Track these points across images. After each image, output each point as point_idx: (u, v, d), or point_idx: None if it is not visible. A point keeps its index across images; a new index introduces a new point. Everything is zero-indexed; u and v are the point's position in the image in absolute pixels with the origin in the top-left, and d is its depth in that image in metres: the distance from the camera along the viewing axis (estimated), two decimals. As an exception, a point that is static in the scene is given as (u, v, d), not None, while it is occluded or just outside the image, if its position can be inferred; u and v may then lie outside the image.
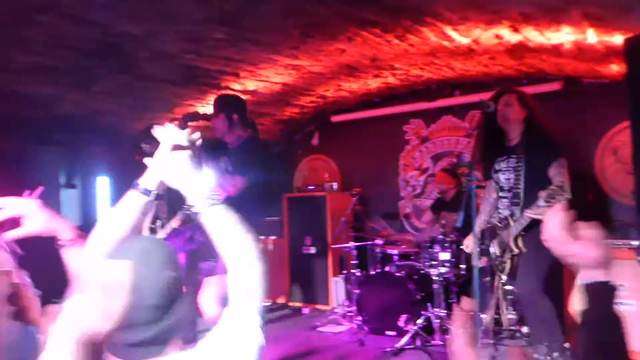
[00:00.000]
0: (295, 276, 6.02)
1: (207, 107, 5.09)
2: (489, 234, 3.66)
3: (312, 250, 5.87)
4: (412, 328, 4.22)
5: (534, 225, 3.17)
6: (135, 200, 1.50)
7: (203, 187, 1.44)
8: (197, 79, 4.38)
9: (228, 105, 3.72)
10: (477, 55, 4.29)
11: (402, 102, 5.87)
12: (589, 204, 4.61)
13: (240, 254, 1.36)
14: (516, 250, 3.39)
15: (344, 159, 6.44)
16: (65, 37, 3.29)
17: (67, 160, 4.53)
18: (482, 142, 3.65)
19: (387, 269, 4.77)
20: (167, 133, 1.52)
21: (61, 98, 4.17)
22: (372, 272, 4.88)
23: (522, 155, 3.41)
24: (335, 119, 6.28)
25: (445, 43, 3.96)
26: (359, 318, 4.72)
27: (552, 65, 4.58)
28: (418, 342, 4.19)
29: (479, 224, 3.63)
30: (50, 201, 3.89)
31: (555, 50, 3.95)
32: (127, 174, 5.16)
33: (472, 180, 3.21)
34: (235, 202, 1.52)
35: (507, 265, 3.46)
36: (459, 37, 3.79)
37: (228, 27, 3.45)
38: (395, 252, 4.87)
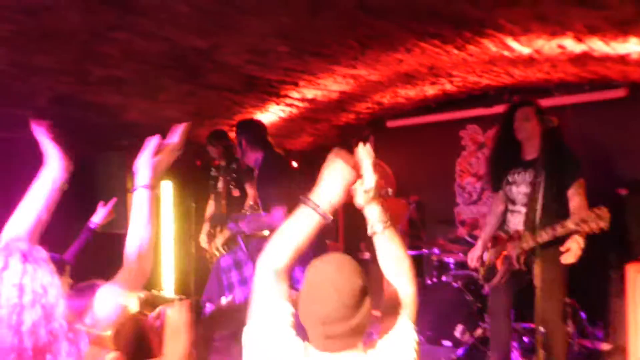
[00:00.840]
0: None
1: (266, 114, 5.22)
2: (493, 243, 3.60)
3: (367, 255, 5.91)
4: (468, 339, 4.21)
5: (549, 246, 3.11)
6: (312, 220, 1.59)
7: (380, 210, 1.69)
8: (257, 88, 4.51)
9: (237, 133, 3.99)
10: (538, 63, 4.22)
11: (459, 107, 5.81)
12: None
13: (402, 273, 1.67)
14: (517, 266, 3.34)
15: (399, 164, 6.43)
16: (136, 52, 3.47)
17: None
18: (496, 152, 3.60)
19: (443, 278, 4.76)
20: (364, 154, 1.67)
21: (128, 107, 4.37)
22: (428, 281, 4.88)
23: (542, 170, 3.23)
24: (391, 124, 6.29)
25: (505, 53, 3.92)
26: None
27: (617, 72, 4.45)
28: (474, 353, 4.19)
29: (485, 237, 3.57)
30: (119, 204, 4.09)
31: (621, 59, 3.84)
32: (188, 179, 5.34)
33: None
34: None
35: (497, 277, 3.45)
36: (520, 47, 3.74)
37: (289, 40, 3.54)
38: (451, 260, 4.85)
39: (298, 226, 1.60)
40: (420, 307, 4.81)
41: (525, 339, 4.21)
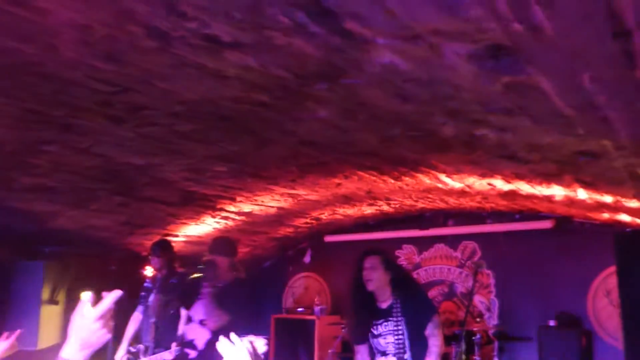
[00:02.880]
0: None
1: (200, 225, 5.11)
2: None
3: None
4: None
5: None
6: None
7: None
8: (193, 202, 4.43)
9: (225, 252, 3.97)
10: (470, 195, 4.38)
11: (395, 227, 5.91)
12: (582, 349, 4.52)
13: None
14: None
15: (335, 279, 6.38)
16: (66, 164, 3.35)
17: (53, 275, 4.44)
18: (354, 304, 3.64)
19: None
20: (239, 345, 1.49)
21: (56, 214, 4.17)
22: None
23: (400, 317, 3.41)
24: (329, 239, 6.29)
25: (439, 185, 4.05)
26: None
27: (544, 207, 4.67)
28: None
29: None
30: (30, 317, 3.76)
31: (547, 198, 4.04)
32: (112, 288, 5.06)
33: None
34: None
35: None
36: (453, 182, 3.88)
37: (230, 163, 3.53)
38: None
39: None
40: None
41: None
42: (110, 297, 1.50)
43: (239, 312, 3.67)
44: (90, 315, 1.46)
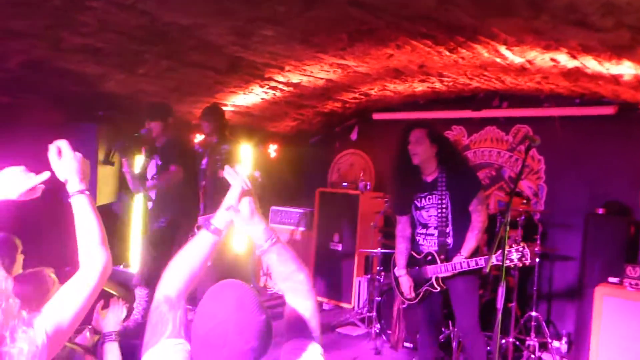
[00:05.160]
0: (319, 270, 6.01)
1: (249, 95, 5.07)
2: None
3: (339, 247, 5.85)
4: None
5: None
6: (206, 239, 1.62)
7: (264, 228, 1.63)
8: (241, 69, 4.36)
9: None
10: (529, 74, 4.13)
11: (446, 107, 5.72)
12: (629, 239, 4.43)
13: (298, 288, 1.56)
14: (438, 288, 3.45)
15: (381, 157, 6.33)
16: (112, 23, 3.30)
17: (107, 137, 4.57)
18: (398, 177, 3.59)
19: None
20: (239, 176, 1.64)
21: (105, 77, 4.20)
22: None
23: (445, 191, 3.40)
24: (377, 116, 6.19)
25: (498, 60, 3.81)
26: (378, 326, 4.69)
27: (608, 90, 4.38)
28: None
29: (403, 262, 3.58)
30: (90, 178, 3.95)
31: (613, 79, 3.76)
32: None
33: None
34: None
35: (420, 296, 3.54)
36: (513, 56, 3.64)
37: (277, 26, 3.40)
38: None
39: (192, 250, 1.60)
40: (385, 307, 4.76)
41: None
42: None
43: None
44: None
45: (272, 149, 6.52)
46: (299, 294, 1.56)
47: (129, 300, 2.91)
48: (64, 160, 1.61)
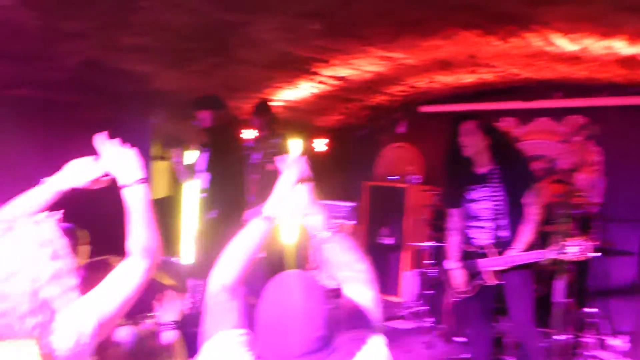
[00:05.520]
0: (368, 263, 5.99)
1: (296, 89, 5.10)
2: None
3: (388, 240, 5.82)
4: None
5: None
6: (258, 228, 1.65)
7: (323, 217, 1.64)
8: (288, 64, 4.39)
9: None
10: (584, 62, 3.98)
11: (495, 98, 5.59)
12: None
13: (359, 278, 1.58)
14: (491, 282, 3.37)
15: (429, 149, 6.25)
16: (161, 21, 3.38)
17: (160, 133, 4.70)
18: (450, 169, 3.56)
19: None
20: (295, 165, 1.71)
21: (154, 75, 4.31)
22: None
23: (498, 184, 3.32)
24: (424, 109, 6.11)
25: (550, 48, 3.70)
26: (431, 319, 4.66)
27: (669, 78, 4.19)
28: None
29: (457, 255, 3.51)
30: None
31: (675, 65, 3.60)
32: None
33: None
34: None
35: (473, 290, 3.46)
36: (566, 44, 3.52)
37: (323, 20, 3.40)
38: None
39: (246, 238, 1.62)
40: (436, 301, 4.72)
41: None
42: None
43: None
44: None
45: (321, 143, 6.53)
46: (361, 284, 1.56)
47: (183, 291, 3.01)
48: (118, 154, 1.67)
